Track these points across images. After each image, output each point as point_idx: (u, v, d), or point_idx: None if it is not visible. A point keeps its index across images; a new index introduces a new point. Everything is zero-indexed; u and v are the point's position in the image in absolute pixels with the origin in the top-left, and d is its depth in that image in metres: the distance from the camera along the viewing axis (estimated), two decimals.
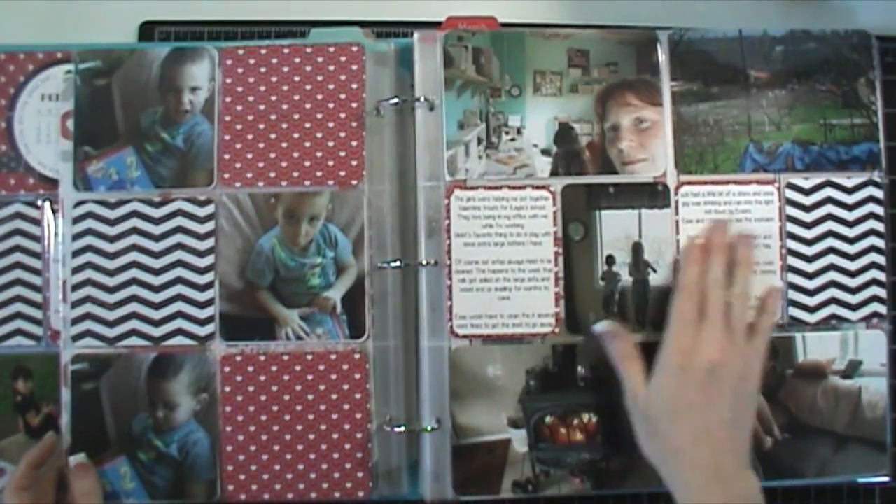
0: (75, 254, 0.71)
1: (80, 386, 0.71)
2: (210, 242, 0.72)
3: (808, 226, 0.72)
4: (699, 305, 0.66)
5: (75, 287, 0.71)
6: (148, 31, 0.78)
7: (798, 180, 0.72)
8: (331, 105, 0.72)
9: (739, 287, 0.67)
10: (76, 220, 0.71)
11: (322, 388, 0.71)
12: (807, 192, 0.72)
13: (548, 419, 0.71)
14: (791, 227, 0.72)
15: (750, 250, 0.70)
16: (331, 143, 0.72)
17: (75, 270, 0.71)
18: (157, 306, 0.71)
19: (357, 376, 0.71)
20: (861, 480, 0.72)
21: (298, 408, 0.70)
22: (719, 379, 0.64)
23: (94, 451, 0.70)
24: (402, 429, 0.71)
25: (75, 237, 0.71)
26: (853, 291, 0.72)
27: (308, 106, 0.72)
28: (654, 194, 0.72)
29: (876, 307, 0.72)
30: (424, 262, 0.71)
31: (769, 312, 0.69)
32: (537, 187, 0.71)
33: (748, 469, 0.65)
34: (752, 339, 0.67)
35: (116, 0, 0.79)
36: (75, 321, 0.71)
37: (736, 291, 0.67)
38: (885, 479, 0.72)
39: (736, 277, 0.68)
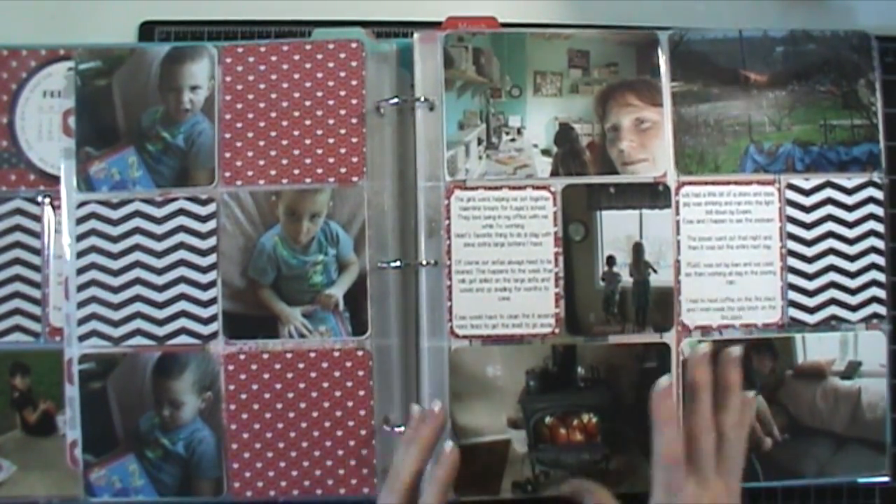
0: (80, 254, 0.72)
1: (87, 385, 0.71)
2: (212, 241, 0.72)
3: (808, 227, 0.72)
4: (686, 462, 0.62)
5: (80, 287, 0.71)
6: (148, 31, 0.78)
7: (798, 181, 0.72)
8: (331, 102, 0.72)
9: (731, 416, 0.64)
10: (80, 221, 0.72)
11: (325, 385, 0.71)
12: (807, 193, 0.72)
13: (547, 420, 0.71)
14: (791, 228, 0.72)
15: (738, 372, 0.66)
16: (331, 140, 0.72)
17: (80, 271, 0.72)
18: (160, 305, 0.72)
19: (360, 373, 0.71)
20: (861, 481, 0.72)
21: (302, 405, 0.71)
22: None
23: (104, 449, 0.71)
24: (402, 429, 0.71)
25: (79, 238, 0.72)
26: (853, 292, 0.72)
27: (308, 103, 0.72)
28: (654, 195, 0.72)
29: (875, 308, 0.72)
30: (424, 263, 0.71)
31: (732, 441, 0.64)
32: (537, 188, 0.71)
33: None
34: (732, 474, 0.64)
35: (116, 0, 0.79)
36: (81, 321, 0.71)
37: (729, 421, 0.64)
38: (886, 479, 0.72)
39: (727, 404, 0.64)
